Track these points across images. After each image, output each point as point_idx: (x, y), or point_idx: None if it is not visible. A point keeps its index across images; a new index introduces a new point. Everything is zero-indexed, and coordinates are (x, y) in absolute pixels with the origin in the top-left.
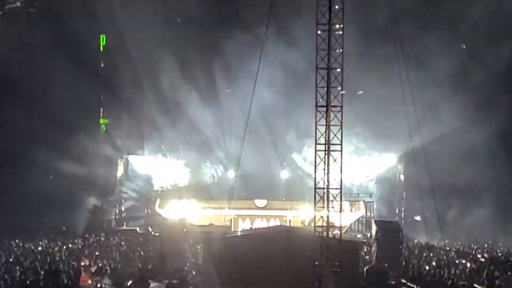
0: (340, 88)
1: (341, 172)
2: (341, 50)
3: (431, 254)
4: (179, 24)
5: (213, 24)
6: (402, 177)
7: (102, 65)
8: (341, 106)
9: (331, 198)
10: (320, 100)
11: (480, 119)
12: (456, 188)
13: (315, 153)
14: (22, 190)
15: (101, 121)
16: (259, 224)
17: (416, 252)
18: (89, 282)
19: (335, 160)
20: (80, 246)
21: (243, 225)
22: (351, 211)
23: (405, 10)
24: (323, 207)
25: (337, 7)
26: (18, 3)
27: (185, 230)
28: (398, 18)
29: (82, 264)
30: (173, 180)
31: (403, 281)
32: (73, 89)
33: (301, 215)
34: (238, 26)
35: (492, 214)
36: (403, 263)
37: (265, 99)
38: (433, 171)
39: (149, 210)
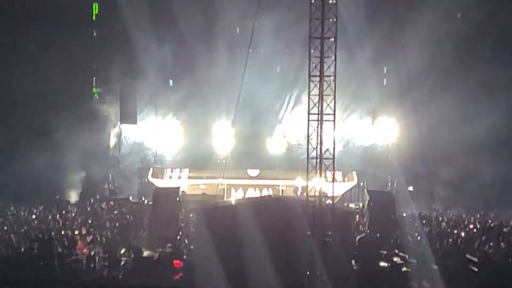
0: (333, 57)
1: (333, 142)
2: (335, 19)
3: (423, 222)
4: None
5: None
6: (394, 147)
7: (95, 34)
8: (335, 76)
9: (323, 168)
10: (314, 69)
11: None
12: (449, 158)
13: (308, 123)
14: (15, 157)
15: (94, 90)
16: (252, 193)
17: (408, 221)
18: (85, 250)
19: (327, 130)
20: (73, 215)
21: (236, 195)
22: (344, 181)
23: None
24: (316, 176)
25: None
26: None
27: (178, 199)
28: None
29: (77, 233)
30: (166, 150)
31: (396, 251)
32: (65, 58)
33: (293, 185)
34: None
35: (486, 185)
36: (396, 233)
37: (259, 67)
38: (426, 140)
39: (142, 180)
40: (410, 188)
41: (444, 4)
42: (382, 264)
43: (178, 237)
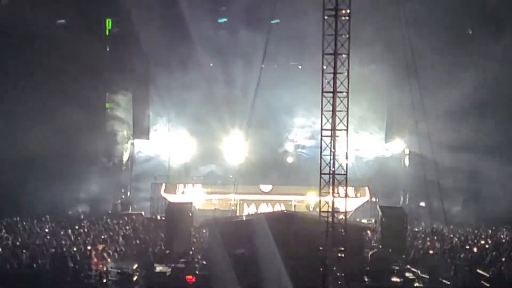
0: (346, 73)
1: (346, 158)
2: (347, 36)
3: (435, 238)
4: (186, 7)
5: (219, 7)
6: (407, 163)
7: (108, 49)
8: (348, 92)
9: (336, 183)
10: (327, 85)
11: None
12: (462, 174)
13: (321, 138)
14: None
15: (107, 105)
16: (264, 209)
17: (420, 237)
18: (100, 266)
19: (340, 146)
20: (86, 230)
21: (248, 210)
22: (356, 196)
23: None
24: (328, 192)
25: None
26: None
27: (190, 214)
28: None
29: (89, 248)
30: (178, 165)
31: (408, 266)
32: (79, 74)
33: (306, 200)
34: (243, 11)
35: (497, 201)
36: (408, 248)
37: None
38: (438, 156)
39: (155, 195)
40: (422, 204)
41: (457, 22)
42: (394, 279)
43: (191, 252)
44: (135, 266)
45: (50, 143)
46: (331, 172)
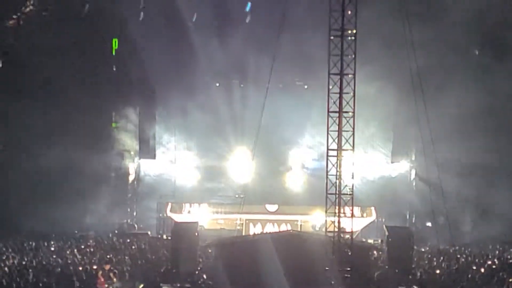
0: (352, 93)
1: (352, 177)
2: (353, 56)
3: (442, 259)
4: (192, 27)
5: (224, 28)
6: (413, 182)
7: (114, 69)
8: (353, 112)
9: (342, 203)
10: (333, 105)
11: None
12: (468, 194)
13: (327, 159)
14: (33, 189)
15: (113, 124)
16: (270, 228)
17: (427, 257)
18: (106, 285)
19: (346, 166)
20: (92, 250)
21: (254, 230)
22: (362, 216)
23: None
24: (335, 212)
25: (349, 12)
26: (31, 7)
27: (196, 234)
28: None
29: (95, 267)
30: (184, 184)
31: (414, 287)
32: (85, 93)
33: (312, 220)
34: (248, 31)
35: (504, 221)
36: (414, 268)
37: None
38: (445, 177)
39: (161, 214)
40: (429, 224)
41: (463, 43)
42: None
43: (197, 272)
44: (141, 286)
45: (56, 162)
46: (337, 192)
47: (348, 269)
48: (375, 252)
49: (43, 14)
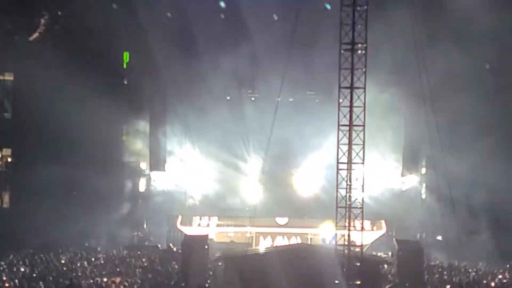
0: (363, 107)
1: (362, 191)
2: (364, 69)
3: (452, 273)
4: (202, 40)
5: (236, 40)
6: (423, 196)
7: (126, 83)
8: (363, 125)
9: (352, 216)
10: (343, 119)
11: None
12: (478, 207)
13: (337, 172)
14: (45, 203)
15: (124, 138)
16: (280, 241)
17: (437, 271)
18: None
19: (356, 179)
20: (102, 262)
21: (264, 243)
22: (373, 229)
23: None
24: (345, 225)
25: (360, 26)
26: (43, 21)
27: (206, 247)
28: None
29: (105, 280)
30: (195, 197)
31: None
32: (96, 107)
33: (322, 233)
34: (260, 46)
35: None
36: (425, 282)
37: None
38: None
39: (171, 227)
40: (439, 237)
41: (474, 56)
42: None
43: (207, 285)
44: None
45: (67, 175)
46: (347, 205)
47: (358, 282)
48: (385, 265)
49: (55, 27)
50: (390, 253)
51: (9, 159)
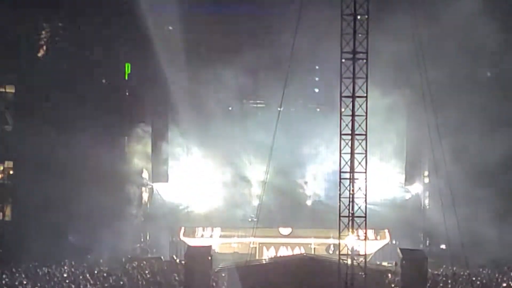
0: (364, 116)
1: (365, 200)
2: (365, 78)
3: (456, 282)
4: (204, 51)
5: (240, 49)
6: (427, 204)
7: (127, 94)
8: (365, 134)
9: (355, 225)
10: (345, 128)
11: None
12: (482, 216)
13: (339, 181)
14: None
15: (126, 149)
16: (284, 252)
17: (441, 280)
18: None
19: (359, 188)
20: (105, 275)
21: (268, 253)
22: (376, 239)
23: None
24: (348, 235)
25: (360, 35)
26: (44, 33)
27: (210, 258)
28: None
29: None
30: (198, 208)
31: None
32: (98, 118)
33: (325, 243)
34: (262, 51)
35: None
36: None
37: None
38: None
39: (174, 238)
40: (443, 246)
41: (475, 64)
42: None
43: None
44: None
45: (70, 188)
46: (350, 214)
47: None
48: (389, 275)
49: (55, 39)
50: (394, 263)
51: (11, 172)
